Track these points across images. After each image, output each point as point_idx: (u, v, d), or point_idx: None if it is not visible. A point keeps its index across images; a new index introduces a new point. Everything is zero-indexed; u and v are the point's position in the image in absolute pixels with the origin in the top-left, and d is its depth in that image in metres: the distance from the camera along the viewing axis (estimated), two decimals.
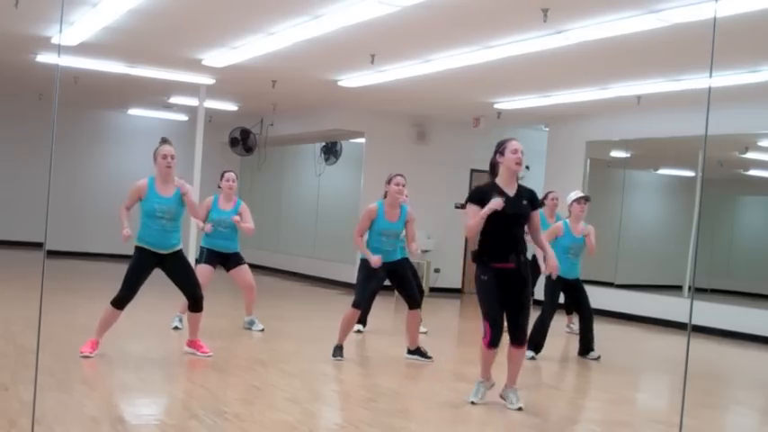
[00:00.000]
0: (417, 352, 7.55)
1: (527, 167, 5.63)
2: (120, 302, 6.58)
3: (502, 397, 5.82)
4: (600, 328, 11.62)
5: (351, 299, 7.69)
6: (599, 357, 8.25)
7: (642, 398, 7.38)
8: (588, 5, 7.22)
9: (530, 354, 8.16)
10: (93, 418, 4.80)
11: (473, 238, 5.74)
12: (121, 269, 6.90)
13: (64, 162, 16.56)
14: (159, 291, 9.04)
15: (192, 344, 7.05)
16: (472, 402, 5.75)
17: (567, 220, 8.21)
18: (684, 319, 10.09)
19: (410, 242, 7.39)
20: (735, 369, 9.45)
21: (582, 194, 8.26)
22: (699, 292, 12.84)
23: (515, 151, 5.59)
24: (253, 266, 17.96)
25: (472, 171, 14.96)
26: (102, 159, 17.83)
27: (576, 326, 10.04)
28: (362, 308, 7.47)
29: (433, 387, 6.23)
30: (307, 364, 7.09)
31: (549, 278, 8.23)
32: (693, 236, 12.16)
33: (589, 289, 12.95)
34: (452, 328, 11.70)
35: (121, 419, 4.91)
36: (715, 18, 6.84)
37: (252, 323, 8.83)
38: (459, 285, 15.57)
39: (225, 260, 8.57)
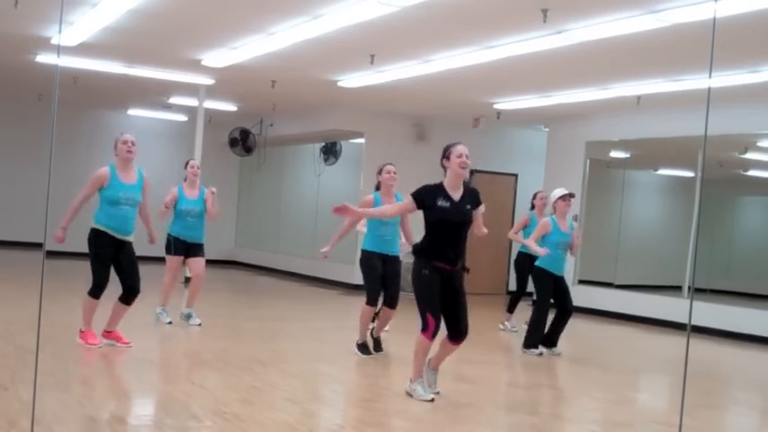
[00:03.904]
0: (376, 341, 7.69)
1: (471, 172, 5.79)
2: (95, 292, 6.87)
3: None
4: (600, 328, 11.69)
5: (350, 299, 7.71)
6: (560, 354, 8.39)
7: (642, 398, 7.38)
8: (588, 6, 7.23)
9: (536, 351, 8.25)
10: (92, 418, 4.80)
11: (380, 215, 6.06)
12: None
13: (63, 162, 16.53)
14: (153, 292, 9.05)
15: (111, 335, 7.12)
16: (432, 399, 5.81)
17: (554, 217, 8.28)
18: (684, 320, 10.09)
19: (405, 229, 7.55)
20: (734, 369, 9.45)
21: (566, 191, 8.32)
22: (698, 292, 12.85)
23: (460, 155, 5.76)
24: (252, 266, 18.18)
25: (472, 172, 14.97)
26: (102, 160, 17.62)
27: (509, 325, 10.16)
28: (376, 303, 7.52)
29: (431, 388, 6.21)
30: (306, 365, 7.09)
31: (538, 275, 8.34)
32: (693, 236, 12.16)
33: (589, 289, 13.11)
34: None
35: (121, 419, 4.91)
36: (714, 18, 6.84)
37: (189, 316, 8.75)
38: None
39: (188, 249, 8.68)
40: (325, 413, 5.63)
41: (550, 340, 8.40)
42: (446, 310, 5.78)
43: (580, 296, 12.94)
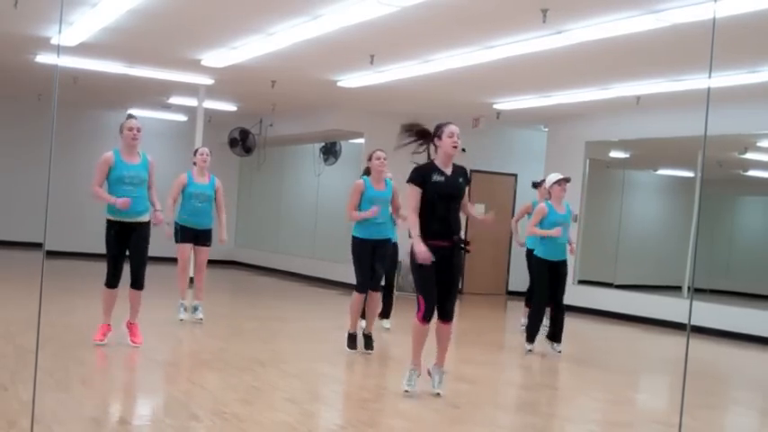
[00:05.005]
0: (368, 338, 7.68)
1: (463, 150, 5.95)
2: (111, 282, 6.93)
3: (429, 373, 6.01)
4: (599, 328, 11.68)
5: (350, 299, 7.71)
6: (560, 352, 8.36)
7: (642, 398, 7.38)
8: (588, 6, 7.23)
9: (528, 347, 8.28)
10: (92, 418, 4.80)
11: (413, 219, 5.85)
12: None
13: (63, 162, 16.54)
14: (158, 291, 9.07)
15: (129, 327, 7.16)
16: (406, 391, 5.88)
17: (550, 202, 8.32)
18: (684, 320, 10.08)
19: (395, 211, 7.65)
20: (734, 369, 9.46)
21: (561, 176, 8.35)
22: (698, 292, 12.84)
23: (452, 135, 5.93)
24: (252, 266, 18.17)
25: (471, 171, 14.98)
26: None
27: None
28: (366, 290, 7.53)
29: (433, 387, 6.23)
30: (306, 365, 7.09)
31: (535, 265, 8.36)
32: (693, 236, 12.16)
33: (588, 289, 13.09)
34: None
35: (121, 419, 4.91)
36: (714, 18, 6.84)
37: (195, 309, 8.83)
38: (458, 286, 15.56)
39: (197, 237, 8.70)
40: (324, 413, 5.63)
41: (553, 335, 8.39)
42: (438, 289, 5.86)
43: (580, 296, 12.96)
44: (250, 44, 9.79)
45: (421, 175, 5.84)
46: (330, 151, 16.57)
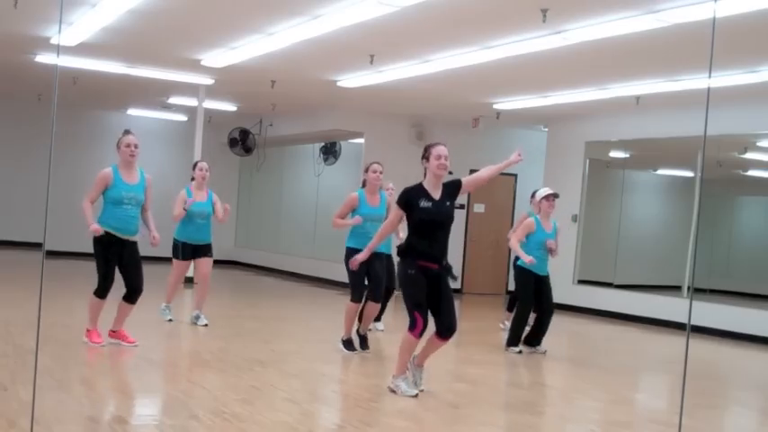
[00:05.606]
0: (363, 338, 7.74)
1: (450, 173, 5.99)
2: (100, 292, 6.93)
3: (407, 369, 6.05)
4: (599, 329, 11.69)
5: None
6: (545, 352, 8.37)
7: (641, 398, 7.38)
8: (587, 6, 7.23)
9: (516, 349, 8.28)
10: (92, 418, 4.80)
11: (381, 232, 6.32)
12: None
13: (63, 163, 16.54)
14: (158, 291, 9.07)
15: (116, 334, 7.17)
16: (417, 394, 5.89)
17: (537, 216, 8.30)
18: (683, 320, 10.08)
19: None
20: (734, 369, 9.46)
21: (550, 191, 8.34)
22: (698, 292, 12.84)
23: (438, 157, 5.89)
24: (253, 266, 18.17)
25: (471, 171, 14.97)
26: (102, 160, 17.66)
27: (509, 325, 10.05)
28: (362, 300, 7.56)
29: (433, 387, 6.24)
30: (306, 365, 7.09)
31: (519, 275, 8.36)
32: (692, 236, 12.16)
33: (588, 289, 13.09)
34: None
35: (121, 419, 4.91)
36: (714, 18, 6.85)
37: (198, 317, 8.80)
38: (458, 286, 15.57)
39: (197, 251, 8.70)
40: (324, 413, 5.63)
41: (534, 340, 8.41)
42: (434, 307, 5.86)
43: (580, 296, 12.96)
44: (250, 44, 9.79)
45: (407, 200, 5.83)
46: (330, 151, 16.58)
